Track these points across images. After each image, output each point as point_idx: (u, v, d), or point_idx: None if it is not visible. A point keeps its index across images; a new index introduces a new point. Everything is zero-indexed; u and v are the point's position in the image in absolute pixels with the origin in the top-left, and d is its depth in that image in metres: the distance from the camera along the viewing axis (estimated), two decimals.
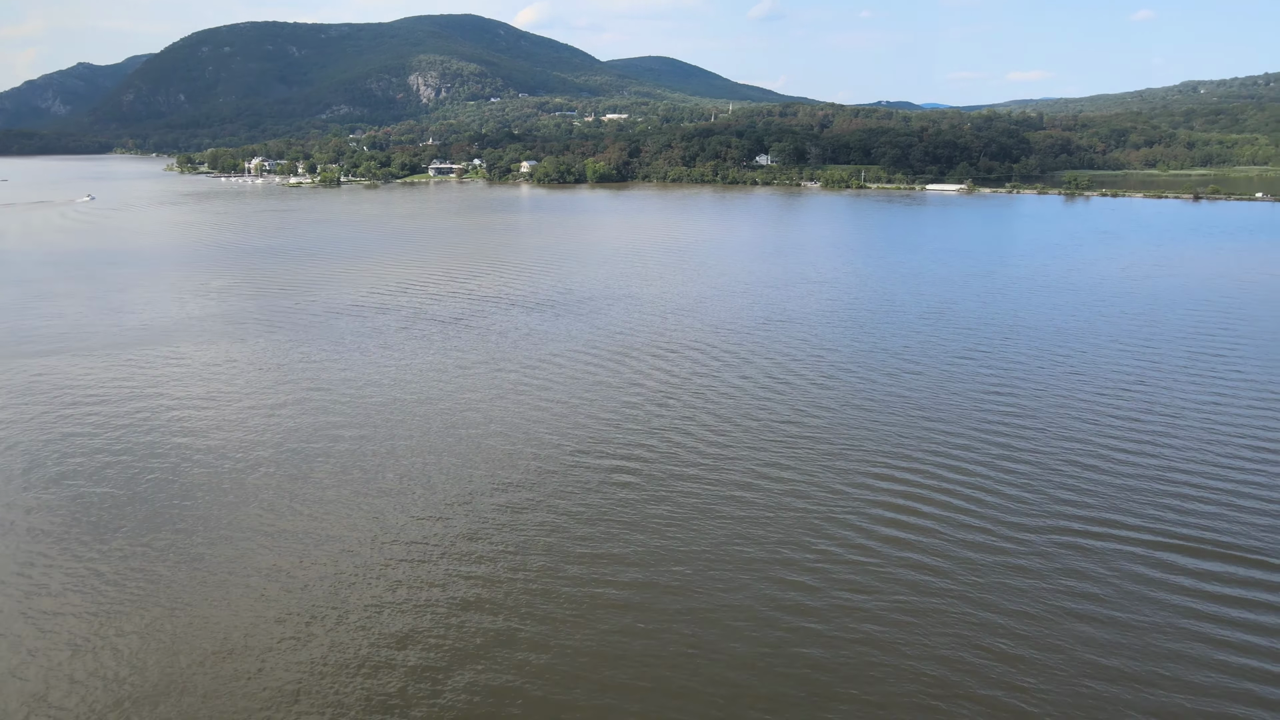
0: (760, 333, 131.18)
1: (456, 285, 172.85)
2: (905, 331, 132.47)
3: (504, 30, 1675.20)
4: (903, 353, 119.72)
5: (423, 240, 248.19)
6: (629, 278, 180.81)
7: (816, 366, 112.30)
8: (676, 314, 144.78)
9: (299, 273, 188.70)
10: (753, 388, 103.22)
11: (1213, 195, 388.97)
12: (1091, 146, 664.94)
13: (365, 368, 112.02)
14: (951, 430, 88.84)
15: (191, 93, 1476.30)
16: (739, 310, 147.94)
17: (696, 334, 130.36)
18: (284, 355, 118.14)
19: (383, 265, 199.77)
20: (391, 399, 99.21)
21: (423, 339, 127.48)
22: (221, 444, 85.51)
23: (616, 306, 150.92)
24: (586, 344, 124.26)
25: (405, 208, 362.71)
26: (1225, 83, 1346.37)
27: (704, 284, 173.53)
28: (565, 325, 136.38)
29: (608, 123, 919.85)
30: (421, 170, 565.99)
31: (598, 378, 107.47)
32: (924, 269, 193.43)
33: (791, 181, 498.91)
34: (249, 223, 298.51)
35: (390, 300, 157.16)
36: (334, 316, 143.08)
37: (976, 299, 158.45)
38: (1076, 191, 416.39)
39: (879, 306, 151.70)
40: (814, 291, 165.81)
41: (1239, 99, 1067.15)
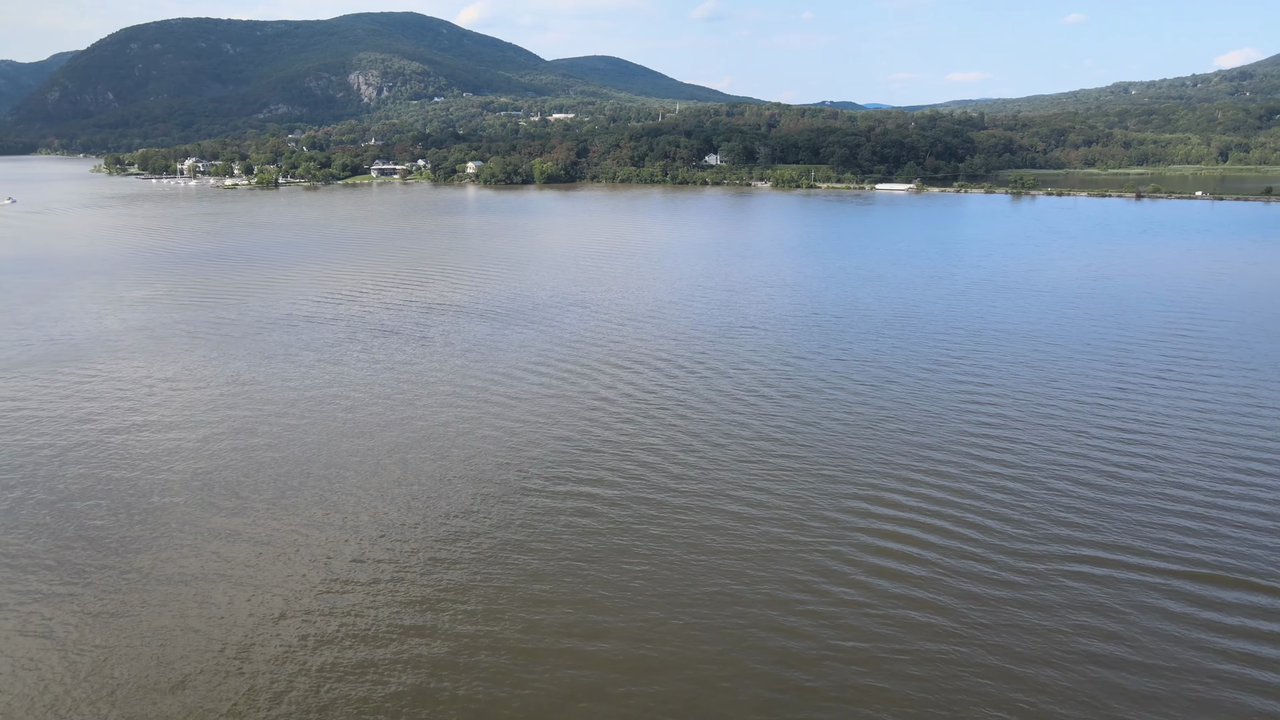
0: (725, 341, 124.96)
1: (401, 294, 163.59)
2: (874, 337, 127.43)
3: (446, 29, 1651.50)
4: (874, 360, 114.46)
5: (365, 245, 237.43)
6: (583, 283, 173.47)
7: (788, 377, 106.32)
8: (635, 322, 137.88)
9: (229, 281, 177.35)
10: (723, 401, 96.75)
11: (1154, 194, 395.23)
12: (1032, 146, 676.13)
13: (297, 387, 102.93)
14: (936, 446, 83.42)
15: (121, 91, 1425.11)
16: (700, 317, 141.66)
17: (658, 343, 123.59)
18: (209, 373, 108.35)
19: (322, 273, 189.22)
20: (325, 422, 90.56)
21: (363, 353, 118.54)
22: (133, 477, 76.18)
23: (571, 314, 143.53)
24: (541, 356, 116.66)
25: (346, 210, 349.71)
26: (1155, 84, 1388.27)
27: (662, 289, 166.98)
28: (518, 335, 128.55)
29: (554, 122, 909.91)
30: (364, 171, 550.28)
31: (554, 394, 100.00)
32: (884, 271, 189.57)
33: (742, 181, 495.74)
34: (178, 227, 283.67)
35: (328, 310, 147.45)
36: (266, 329, 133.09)
37: (941, 302, 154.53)
38: (1023, 191, 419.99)
39: (843, 311, 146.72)
40: (776, 296, 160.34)
41: (1168, 100, 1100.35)
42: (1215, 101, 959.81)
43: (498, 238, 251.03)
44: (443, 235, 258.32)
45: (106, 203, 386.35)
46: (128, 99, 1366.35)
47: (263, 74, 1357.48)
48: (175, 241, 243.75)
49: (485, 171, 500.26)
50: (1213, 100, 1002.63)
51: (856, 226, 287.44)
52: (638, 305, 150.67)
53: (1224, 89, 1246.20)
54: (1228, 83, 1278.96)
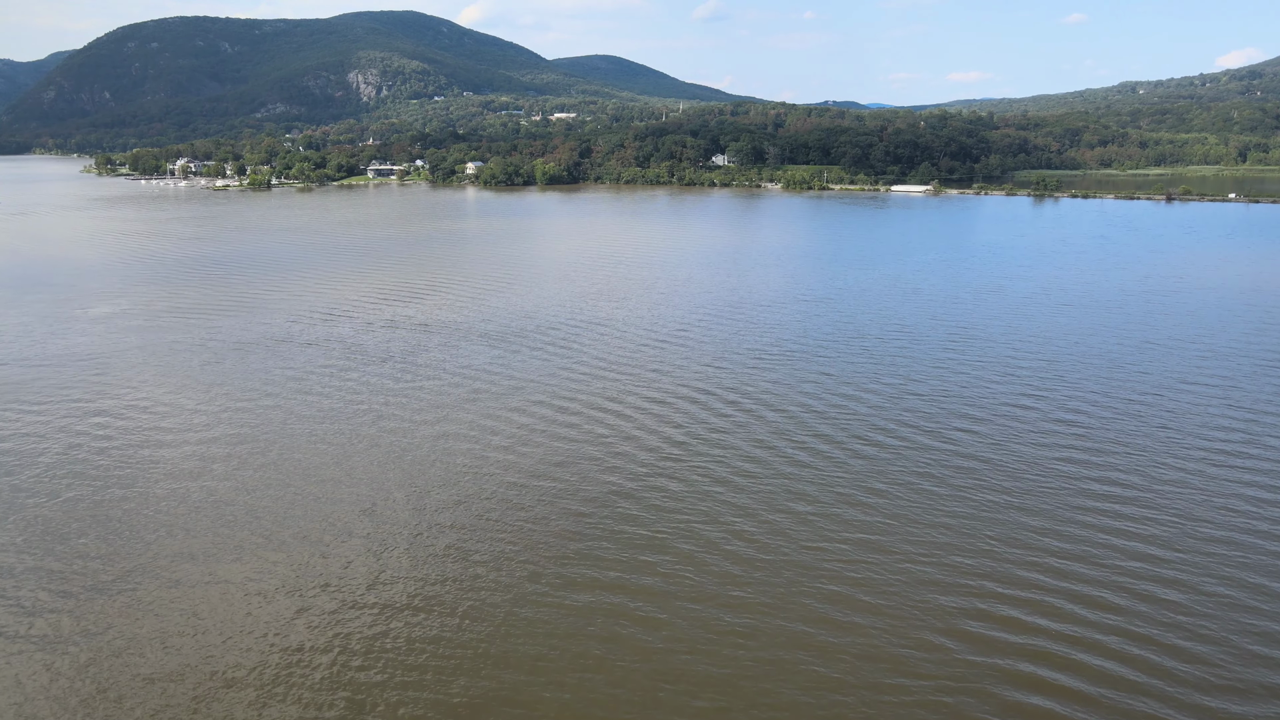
0: (760, 371, 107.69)
1: (393, 311, 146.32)
2: (933, 366, 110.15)
3: (447, 28, 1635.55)
4: (941, 397, 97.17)
5: (355, 254, 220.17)
6: (594, 297, 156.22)
7: (843, 423, 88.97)
8: (657, 345, 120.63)
9: (202, 296, 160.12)
10: (772, 459, 79.38)
11: (1184, 196, 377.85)
12: (1046, 146, 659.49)
13: (272, 426, 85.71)
14: (1052, 529, 66.07)
15: (117, 90, 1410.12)
16: (729, 339, 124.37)
17: (686, 374, 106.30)
18: (170, 408, 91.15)
19: (308, 285, 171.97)
20: (303, 474, 73.31)
21: (347, 387, 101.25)
22: (81, 548, 58.95)
23: (584, 336, 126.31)
24: (553, 391, 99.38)
25: (339, 213, 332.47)
26: (1163, 83, 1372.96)
27: (682, 304, 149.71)
28: (525, 364, 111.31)
29: (556, 122, 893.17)
30: (360, 172, 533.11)
31: (572, 443, 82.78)
32: (922, 283, 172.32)
33: (751, 183, 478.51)
34: (159, 232, 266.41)
35: (311, 331, 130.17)
36: (240, 354, 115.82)
37: (998, 320, 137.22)
38: (1046, 193, 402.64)
39: (889, 331, 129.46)
40: (810, 313, 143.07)
41: (1178, 99, 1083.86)
42: (1226, 101, 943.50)
43: (499, 245, 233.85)
44: (440, 242, 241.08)
45: (89, 205, 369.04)
46: (124, 98, 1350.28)
47: (261, 73, 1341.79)
48: (152, 249, 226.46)
49: (485, 172, 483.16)
50: (1223, 100, 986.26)
51: (879, 231, 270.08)
52: (657, 324, 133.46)
53: (1234, 88, 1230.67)
54: (1237, 82, 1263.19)
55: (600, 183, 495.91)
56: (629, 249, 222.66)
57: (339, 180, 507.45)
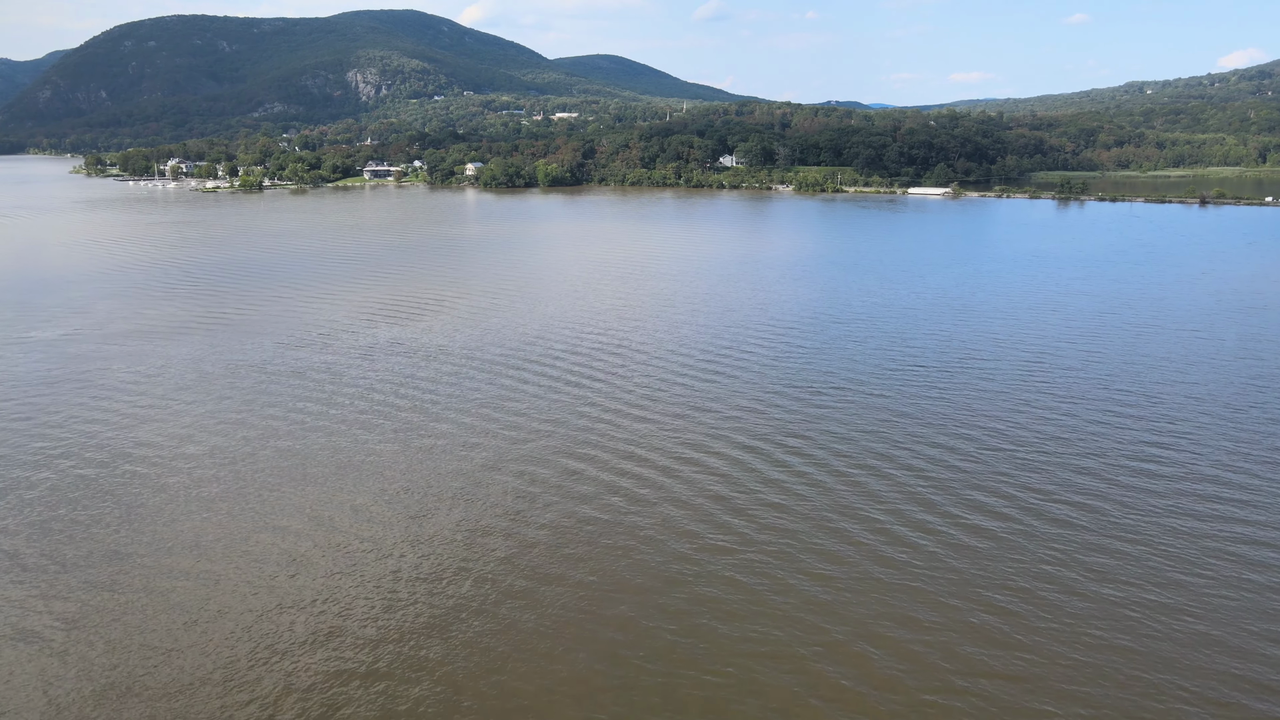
0: (817, 412, 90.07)
1: (382, 335, 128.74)
2: (1016, 407, 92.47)
3: (447, 27, 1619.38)
4: (1044, 454, 79.44)
5: (346, 264, 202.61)
6: (607, 316, 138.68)
7: (936, 490, 71.29)
8: (686, 378, 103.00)
9: (166, 314, 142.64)
10: (861, 551, 61.75)
11: (1218, 200, 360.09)
12: (1061, 147, 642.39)
13: (238, 494, 68.27)
14: (1261, 678, 48.74)
15: (114, 90, 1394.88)
16: (769, 370, 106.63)
17: (725, 416, 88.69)
18: (108, 457, 73.78)
19: (286, 302, 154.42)
20: (276, 564, 55.88)
21: (328, 432, 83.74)
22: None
23: (600, 365, 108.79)
24: (568, 440, 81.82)
25: (332, 217, 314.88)
26: (1170, 83, 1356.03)
27: (706, 325, 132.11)
28: (533, 402, 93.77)
29: (558, 122, 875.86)
30: (356, 173, 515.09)
31: (592, 525, 65.22)
32: (970, 298, 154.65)
33: (761, 185, 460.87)
34: (136, 238, 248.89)
35: (283, 359, 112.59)
36: (199, 388, 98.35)
37: (1072, 346, 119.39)
38: (1070, 195, 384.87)
39: (951, 360, 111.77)
40: (854, 336, 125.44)
41: (1188, 99, 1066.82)
42: (1239, 101, 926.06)
43: (501, 253, 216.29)
44: (437, 251, 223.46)
45: (69, 208, 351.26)
46: (121, 97, 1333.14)
47: (259, 72, 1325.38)
48: (123, 259, 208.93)
49: (485, 173, 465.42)
50: (1234, 100, 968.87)
51: (907, 238, 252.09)
52: (682, 350, 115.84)
53: (1245, 88, 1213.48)
54: (1248, 82, 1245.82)
55: (604, 184, 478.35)
56: (640, 258, 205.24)
57: (334, 181, 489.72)
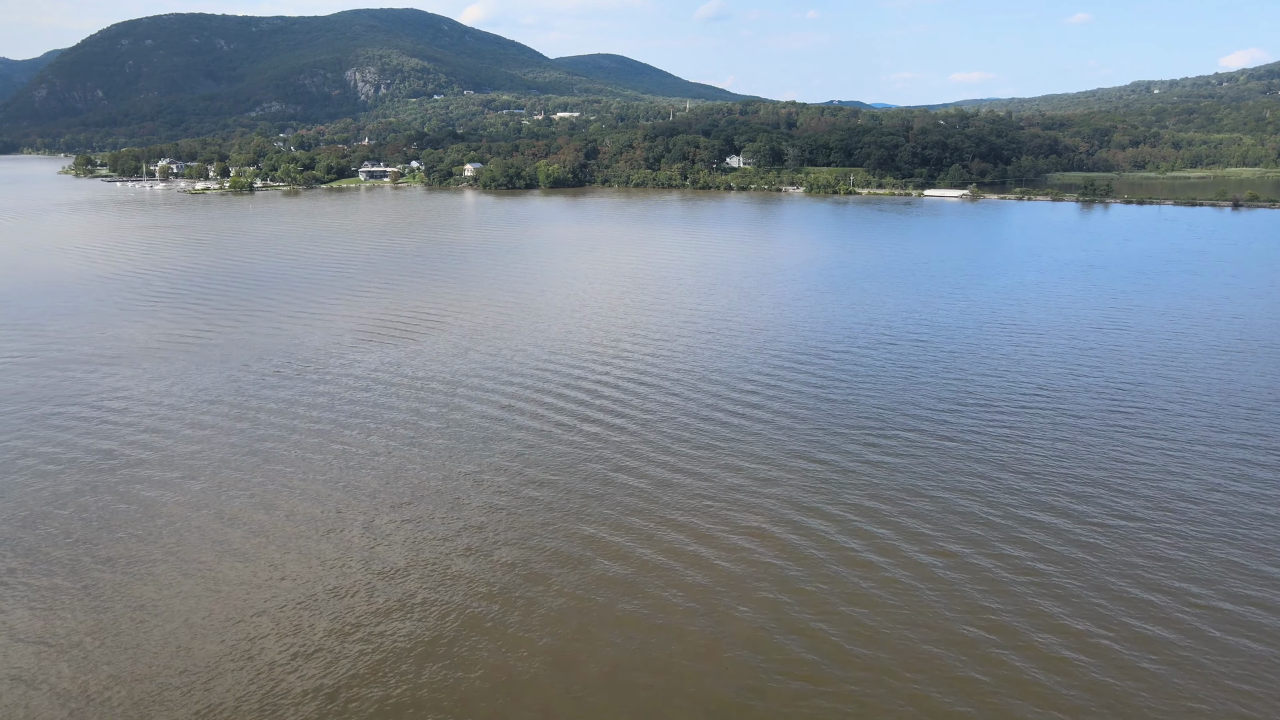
0: (887, 466, 74.66)
1: (368, 359, 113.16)
2: (1109, 454, 77.03)
3: (448, 25, 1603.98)
4: (1198, 527, 64.12)
5: (332, 275, 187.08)
6: (623, 338, 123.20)
7: (1089, 607, 55.94)
8: (724, 419, 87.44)
9: (122, 337, 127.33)
10: (1000, 689, 46.39)
11: (1251, 203, 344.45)
12: (1075, 147, 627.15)
13: (179, 591, 52.93)
14: None
15: (110, 89, 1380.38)
16: (817, 407, 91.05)
17: (774, 479, 73.20)
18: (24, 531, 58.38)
19: (265, 319, 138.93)
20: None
21: (293, 505, 68.32)
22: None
23: (621, 404, 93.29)
24: (585, 505, 66.33)
25: (322, 221, 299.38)
26: (1178, 83, 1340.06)
27: (736, 349, 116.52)
28: (545, 454, 78.23)
29: (559, 121, 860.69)
30: (351, 174, 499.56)
31: (646, 663, 49.85)
32: (1020, 315, 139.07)
33: (771, 186, 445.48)
34: (107, 245, 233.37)
35: (253, 398, 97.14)
36: (156, 428, 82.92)
37: (1155, 374, 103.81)
38: (1095, 198, 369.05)
39: (1028, 398, 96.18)
40: (905, 364, 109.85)
41: (1197, 98, 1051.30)
42: (1249, 100, 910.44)
43: (502, 262, 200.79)
44: (432, 259, 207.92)
45: (48, 211, 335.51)
46: (117, 96, 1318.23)
47: (257, 71, 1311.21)
48: (86, 270, 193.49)
49: (484, 174, 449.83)
50: (1244, 99, 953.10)
51: (934, 245, 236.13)
52: (711, 380, 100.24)
53: (1255, 88, 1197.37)
54: (1257, 81, 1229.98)
55: (607, 186, 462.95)
56: (651, 268, 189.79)
57: (328, 183, 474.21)
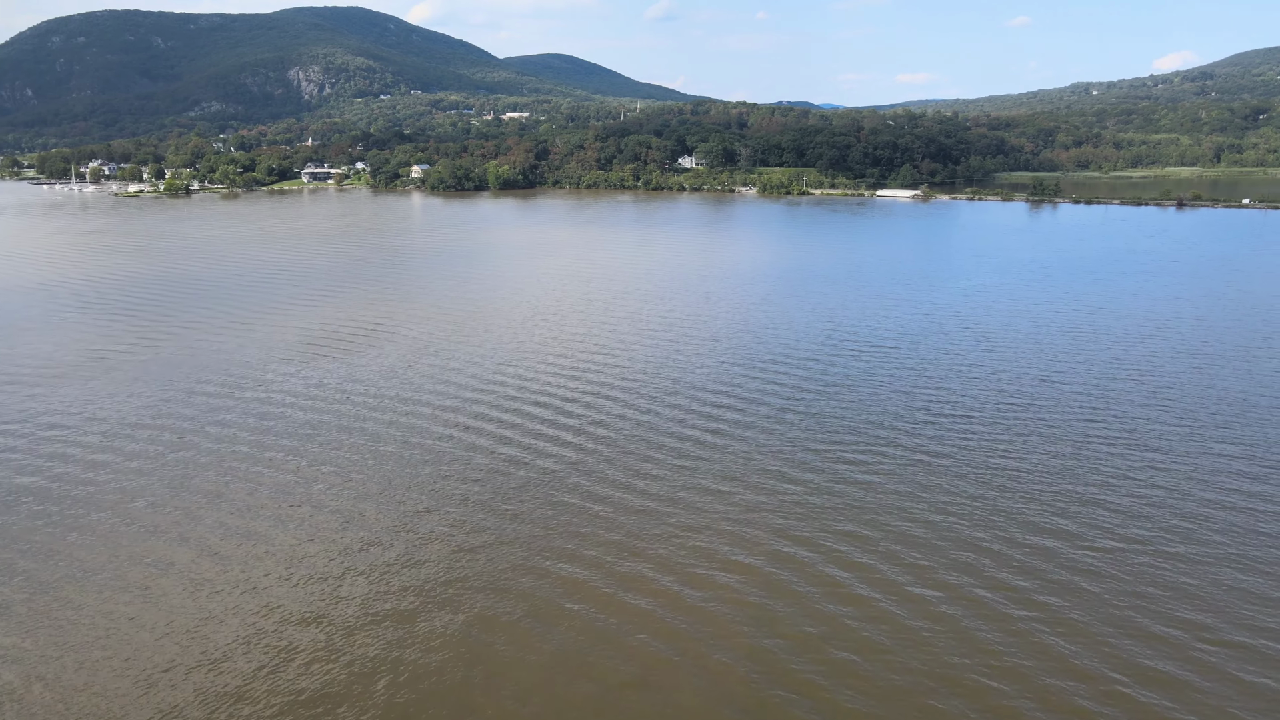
0: (863, 484, 69.12)
1: (303, 374, 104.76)
2: (1116, 484, 72.61)
3: (394, 24, 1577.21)
4: (1209, 572, 59.62)
5: (265, 284, 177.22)
6: (577, 349, 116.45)
7: (1101, 646, 50.72)
8: (688, 437, 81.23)
9: (37, 356, 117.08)
10: None
11: (1195, 202, 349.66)
12: (1021, 147, 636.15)
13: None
14: None
15: (40, 88, 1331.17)
16: (785, 421, 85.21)
17: (746, 503, 67.23)
18: None
19: (191, 334, 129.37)
20: None
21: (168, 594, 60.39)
22: None
23: (577, 418, 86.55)
24: (543, 538, 59.52)
25: (262, 225, 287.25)
26: (1115, 84, 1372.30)
27: (698, 360, 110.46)
28: (494, 482, 71.23)
29: (509, 121, 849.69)
30: (294, 175, 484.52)
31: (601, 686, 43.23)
32: (985, 319, 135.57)
33: (724, 187, 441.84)
34: (21, 253, 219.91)
35: (173, 430, 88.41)
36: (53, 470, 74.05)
37: (1129, 382, 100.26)
38: (1044, 198, 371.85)
39: (1003, 407, 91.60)
40: (873, 375, 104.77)
41: (1135, 99, 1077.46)
42: (1184, 101, 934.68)
43: (450, 269, 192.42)
44: (375, 267, 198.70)
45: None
46: (48, 96, 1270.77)
47: (196, 69, 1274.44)
48: (3, 278, 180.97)
49: (432, 176, 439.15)
50: (1178, 100, 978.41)
51: (888, 246, 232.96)
52: (673, 394, 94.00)
53: (1189, 89, 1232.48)
54: (1191, 83, 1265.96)
55: (559, 187, 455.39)
56: (605, 272, 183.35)
57: (270, 185, 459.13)
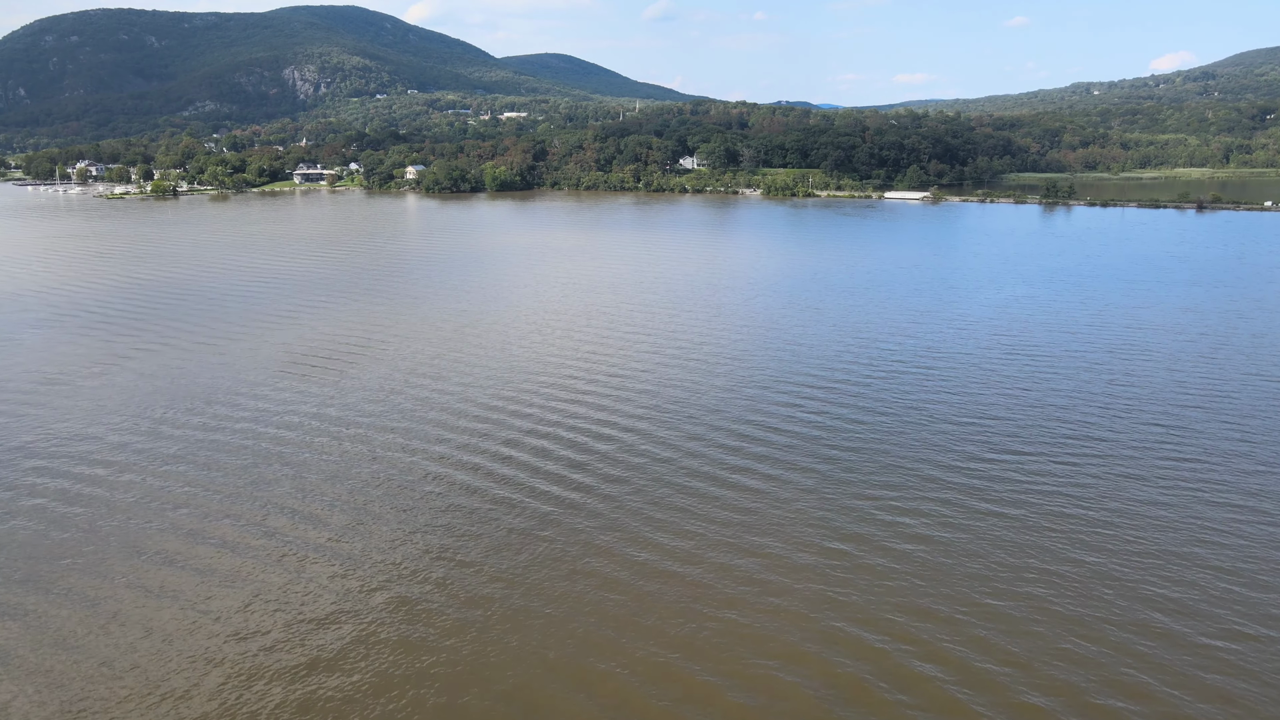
0: (931, 544, 57.69)
1: (276, 397, 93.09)
2: (1221, 537, 61.30)
3: (391, 23, 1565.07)
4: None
5: (244, 297, 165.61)
6: (585, 370, 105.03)
7: None
8: (721, 482, 69.88)
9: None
10: None
11: (1214, 204, 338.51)
12: (1026, 147, 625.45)
13: None
14: None
15: (33, 87, 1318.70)
16: (828, 463, 73.82)
17: (788, 563, 55.79)
18: None
19: (168, 354, 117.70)
20: None
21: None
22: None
23: (593, 458, 75.14)
24: (565, 639, 48.14)
25: (249, 229, 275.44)
26: (1116, 85, 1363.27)
27: (721, 385, 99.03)
28: (493, 541, 59.73)
29: (506, 121, 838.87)
30: (286, 176, 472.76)
31: None
32: (1031, 337, 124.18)
33: (727, 188, 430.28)
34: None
35: (134, 462, 76.79)
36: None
37: (1215, 421, 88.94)
38: (1058, 200, 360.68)
39: (1068, 442, 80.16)
40: (916, 403, 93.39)
41: (1137, 100, 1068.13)
42: (1187, 101, 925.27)
43: (446, 280, 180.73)
44: (365, 276, 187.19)
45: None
46: (41, 95, 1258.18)
47: (190, 69, 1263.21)
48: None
49: (427, 177, 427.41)
50: (1181, 100, 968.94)
51: (904, 253, 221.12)
52: (698, 429, 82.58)
53: (1192, 89, 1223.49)
54: (1194, 83, 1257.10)
55: (557, 189, 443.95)
56: (609, 282, 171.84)
57: (260, 186, 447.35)
